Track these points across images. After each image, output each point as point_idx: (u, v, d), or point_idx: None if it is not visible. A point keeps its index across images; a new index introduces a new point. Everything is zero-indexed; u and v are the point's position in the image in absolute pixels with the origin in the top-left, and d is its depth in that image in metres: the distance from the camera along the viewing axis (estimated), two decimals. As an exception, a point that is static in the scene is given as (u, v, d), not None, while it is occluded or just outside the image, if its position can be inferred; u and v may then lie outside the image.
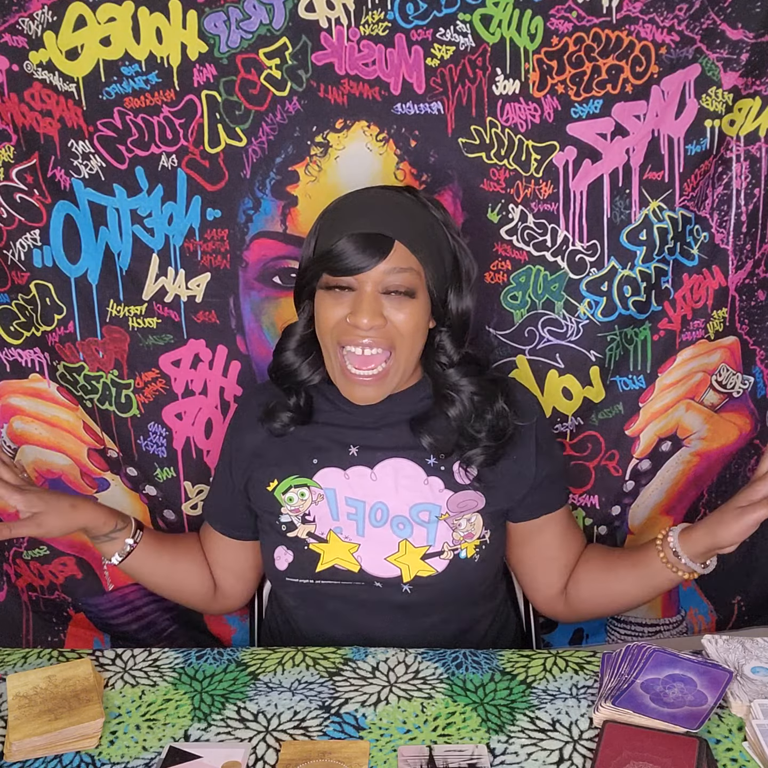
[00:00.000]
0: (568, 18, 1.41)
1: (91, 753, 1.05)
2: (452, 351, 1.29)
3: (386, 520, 1.29)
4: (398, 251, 1.19)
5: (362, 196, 1.26)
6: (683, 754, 0.99)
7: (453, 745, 1.05)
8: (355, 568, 1.30)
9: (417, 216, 1.23)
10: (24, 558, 1.68)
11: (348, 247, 1.18)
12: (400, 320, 1.21)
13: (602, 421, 1.63)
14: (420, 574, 1.28)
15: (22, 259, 1.51)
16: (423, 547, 1.29)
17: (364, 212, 1.22)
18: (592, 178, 1.49)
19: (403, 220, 1.21)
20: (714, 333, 1.59)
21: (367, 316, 1.18)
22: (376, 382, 1.23)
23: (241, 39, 1.42)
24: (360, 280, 1.19)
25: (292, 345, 1.33)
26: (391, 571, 1.29)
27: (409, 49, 1.43)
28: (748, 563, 1.73)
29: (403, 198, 1.25)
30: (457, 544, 1.29)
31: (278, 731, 1.08)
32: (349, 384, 1.24)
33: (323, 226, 1.26)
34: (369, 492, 1.30)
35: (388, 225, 1.20)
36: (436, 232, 1.25)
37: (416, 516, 1.29)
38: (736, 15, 1.40)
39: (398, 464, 1.30)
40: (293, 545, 1.31)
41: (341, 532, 1.30)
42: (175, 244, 1.52)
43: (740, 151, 1.49)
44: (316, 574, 1.30)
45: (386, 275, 1.19)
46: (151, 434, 1.62)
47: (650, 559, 1.29)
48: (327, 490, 1.31)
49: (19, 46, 1.41)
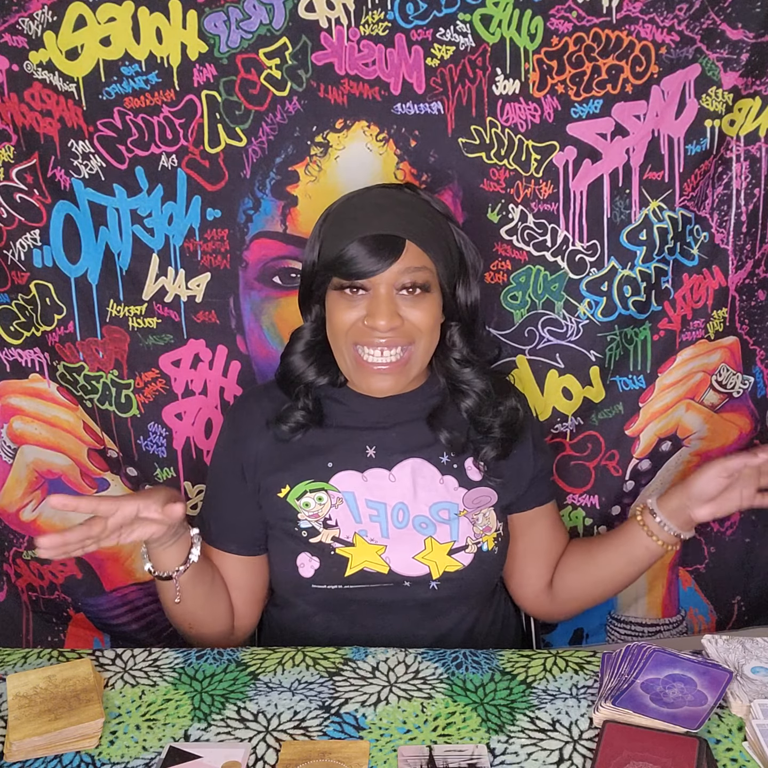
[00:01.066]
0: (568, 18, 1.41)
1: (91, 753, 1.05)
2: (463, 346, 1.30)
3: (408, 521, 1.30)
4: (410, 251, 1.19)
5: (366, 197, 1.25)
6: (683, 754, 0.99)
7: (453, 745, 1.05)
8: (384, 570, 1.29)
9: (424, 213, 1.23)
10: (24, 558, 1.68)
11: (360, 250, 1.17)
12: (418, 317, 1.21)
13: (602, 421, 1.63)
14: (448, 570, 1.29)
15: (22, 259, 1.51)
16: (448, 543, 1.30)
17: (372, 213, 1.21)
18: (592, 178, 1.49)
19: (411, 219, 1.20)
20: (714, 333, 1.59)
21: (384, 317, 1.18)
22: (395, 371, 1.23)
23: (241, 39, 1.42)
24: (374, 281, 1.19)
25: (300, 348, 1.32)
26: (420, 569, 1.29)
27: (409, 49, 1.43)
28: (748, 563, 1.74)
29: (406, 195, 1.24)
30: (479, 537, 1.31)
31: (278, 731, 1.08)
32: (366, 375, 1.23)
33: (328, 230, 1.25)
34: (388, 493, 1.30)
35: (398, 225, 1.19)
36: (442, 226, 1.25)
37: (437, 514, 1.30)
38: (736, 15, 1.40)
39: (414, 464, 1.31)
40: (318, 551, 1.29)
41: (366, 534, 1.29)
42: (175, 244, 1.52)
43: (740, 151, 1.49)
44: (345, 578, 1.29)
45: (400, 275, 1.19)
46: (151, 434, 1.62)
47: (631, 531, 1.32)
48: (346, 494, 1.30)
49: (19, 46, 1.41)
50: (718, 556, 1.73)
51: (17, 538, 1.66)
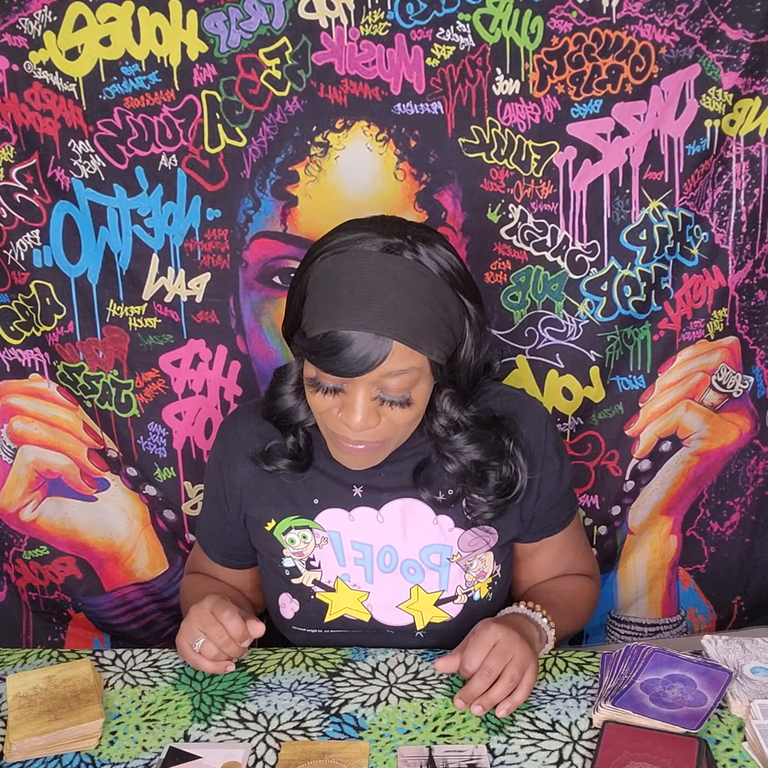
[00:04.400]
0: (568, 18, 1.41)
1: (91, 753, 1.05)
2: (454, 412, 1.17)
3: (396, 566, 1.23)
4: (397, 352, 1.04)
5: (359, 268, 1.06)
6: (683, 754, 0.99)
7: (453, 745, 1.05)
8: (365, 618, 1.24)
9: (423, 296, 1.06)
10: (24, 558, 1.68)
11: (340, 346, 1.03)
12: (396, 417, 1.10)
13: (602, 421, 1.63)
14: (434, 621, 1.24)
15: (22, 259, 1.51)
16: (436, 592, 1.23)
17: (361, 302, 1.04)
18: (592, 178, 1.49)
19: (406, 311, 1.04)
20: (714, 333, 1.59)
21: (360, 417, 1.07)
22: (368, 452, 1.14)
23: (241, 39, 1.42)
24: (353, 380, 1.06)
25: (289, 389, 1.21)
26: (404, 618, 1.24)
27: (409, 49, 1.43)
28: (748, 563, 1.74)
29: (405, 271, 1.05)
30: (470, 585, 1.24)
31: (278, 732, 1.08)
32: (340, 451, 1.15)
33: (314, 286, 1.09)
34: (375, 535, 1.23)
35: (387, 322, 1.03)
36: (446, 304, 1.08)
37: (427, 559, 1.23)
38: (736, 15, 1.40)
39: (405, 504, 1.22)
40: (299, 594, 1.25)
41: (349, 579, 1.24)
42: (175, 244, 1.52)
43: (740, 151, 1.49)
44: (324, 624, 1.25)
45: (382, 377, 1.06)
46: (151, 434, 1.62)
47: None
48: (331, 533, 1.23)
49: (19, 46, 1.41)
50: (718, 556, 1.73)
51: (17, 538, 1.66)
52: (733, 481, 1.69)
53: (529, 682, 1.07)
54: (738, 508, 1.71)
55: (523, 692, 1.07)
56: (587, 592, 1.35)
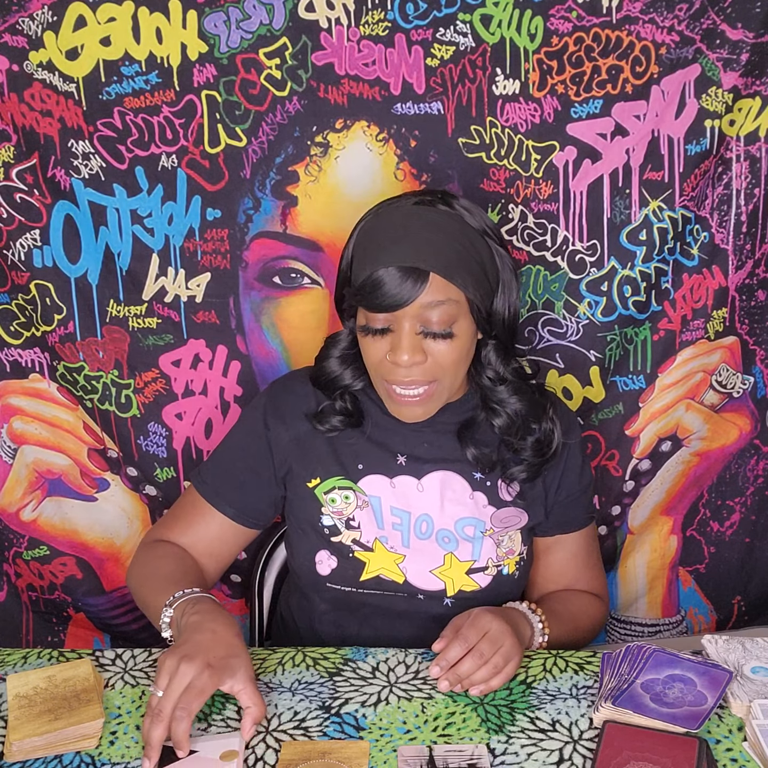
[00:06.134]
0: (568, 18, 1.41)
1: (91, 753, 1.05)
2: (499, 365, 1.26)
3: (431, 533, 1.28)
4: (434, 283, 1.14)
5: (394, 216, 1.18)
6: (683, 754, 0.99)
7: (453, 745, 1.05)
8: (399, 579, 1.28)
9: (453, 234, 1.16)
10: (24, 558, 1.68)
11: (381, 282, 1.14)
12: (442, 354, 1.18)
13: (602, 421, 1.63)
14: (464, 589, 1.28)
15: (22, 259, 1.51)
16: (468, 561, 1.28)
17: (396, 239, 1.15)
18: (592, 178, 1.49)
19: (437, 245, 1.15)
20: (714, 333, 1.59)
21: (407, 352, 1.16)
22: (423, 402, 1.21)
23: (241, 39, 1.42)
24: (397, 316, 1.16)
25: (336, 353, 1.30)
26: (436, 584, 1.28)
27: (409, 49, 1.43)
28: (748, 563, 1.74)
29: (435, 214, 1.17)
30: (501, 560, 1.29)
31: (278, 731, 1.08)
32: (396, 405, 1.23)
33: (358, 245, 1.21)
34: (414, 503, 1.29)
35: (422, 255, 1.14)
36: (476, 246, 1.18)
37: (461, 531, 1.28)
38: (736, 15, 1.40)
39: (445, 477, 1.29)
40: (337, 551, 1.29)
41: (387, 541, 1.28)
42: (175, 244, 1.52)
43: (740, 151, 1.49)
44: (360, 582, 1.28)
45: (423, 309, 1.15)
46: (151, 434, 1.62)
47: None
48: (372, 498, 1.29)
49: (19, 46, 1.41)
50: (718, 556, 1.73)
51: (17, 538, 1.67)
52: (733, 481, 1.70)
53: (509, 672, 1.12)
54: (738, 508, 1.71)
55: (499, 680, 1.11)
56: (594, 610, 1.39)
